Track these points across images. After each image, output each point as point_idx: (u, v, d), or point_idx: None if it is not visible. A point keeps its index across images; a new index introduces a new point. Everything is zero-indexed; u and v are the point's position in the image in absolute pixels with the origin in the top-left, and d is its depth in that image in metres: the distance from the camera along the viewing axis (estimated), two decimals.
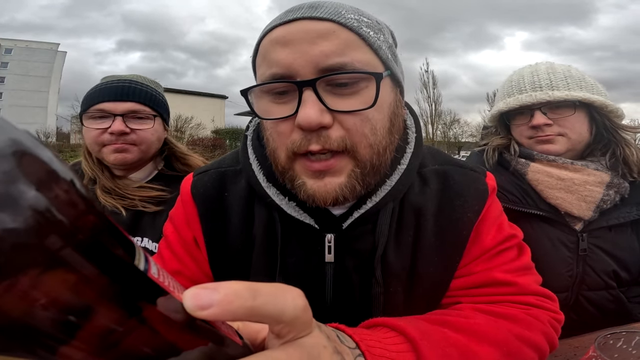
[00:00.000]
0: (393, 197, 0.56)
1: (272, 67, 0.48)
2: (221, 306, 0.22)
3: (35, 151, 0.15)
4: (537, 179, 0.91)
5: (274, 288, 0.25)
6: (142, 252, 0.21)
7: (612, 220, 0.88)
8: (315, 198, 0.50)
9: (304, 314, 0.26)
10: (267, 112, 0.50)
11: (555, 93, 0.87)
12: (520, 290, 0.57)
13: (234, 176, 0.61)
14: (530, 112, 0.91)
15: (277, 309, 0.24)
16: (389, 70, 0.51)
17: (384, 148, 0.51)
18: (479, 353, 0.46)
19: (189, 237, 0.62)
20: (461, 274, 0.59)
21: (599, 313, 0.89)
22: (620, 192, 0.88)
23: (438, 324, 0.48)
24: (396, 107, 0.54)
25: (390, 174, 0.56)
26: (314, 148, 0.47)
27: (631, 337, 0.41)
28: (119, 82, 0.99)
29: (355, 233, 0.56)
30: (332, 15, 0.48)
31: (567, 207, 0.88)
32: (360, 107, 0.47)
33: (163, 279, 0.22)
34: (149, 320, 0.20)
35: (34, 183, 0.14)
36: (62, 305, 0.16)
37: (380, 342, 0.41)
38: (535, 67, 0.96)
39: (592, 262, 0.88)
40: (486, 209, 0.59)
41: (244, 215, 0.59)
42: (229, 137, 18.16)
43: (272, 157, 0.53)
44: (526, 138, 0.94)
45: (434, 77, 33.69)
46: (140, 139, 0.99)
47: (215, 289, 0.22)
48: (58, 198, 0.15)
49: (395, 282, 0.56)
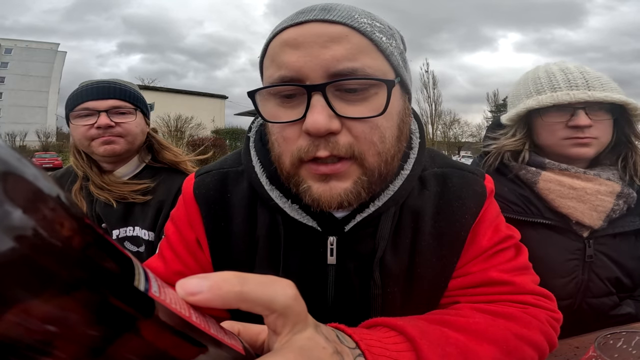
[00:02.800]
0: (395, 201, 0.56)
1: (281, 69, 0.47)
2: (211, 291, 0.23)
3: (20, 170, 0.15)
4: (549, 187, 0.88)
5: (263, 277, 0.26)
6: (142, 269, 0.21)
7: (617, 229, 0.87)
8: (320, 202, 0.49)
9: (296, 303, 0.26)
10: (274, 116, 0.49)
11: (594, 93, 0.83)
12: (518, 289, 0.57)
13: (236, 177, 0.61)
14: (571, 111, 0.85)
15: (266, 296, 0.25)
16: (399, 77, 0.50)
17: (392, 156, 0.51)
18: (478, 352, 0.46)
19: (191, 238, 0.61)
20: (459, 274, 0.59)
21: (600, 318, 0.89)
22: (628, 202, 0.87)
23: (437, 323, 0.48)
24: (405, 115, 0.53)
25: (394, 180, 0.56)
26: (321, 154, 0.46)
27: (631, 337, 0.41)
28: (100, 84, 1.08)
29: (357, 236, 0.56)
30: (345, 19, 0.46)
31: (579, 216, 0.86)
32: (369, 114, 0.47)
33: (164, 296, 0.21)
34: (146, 337, 0.20)
35: (20, 204, 0.14)
36: (52, 326, 0.15)
37: (380, 342, 0.41)
38: (562, 65, 0.92)
39: (597, 269, 0.87)
40: (483, 210, 0.59)
41: (247, 217, 0.59)
42: (229, 137, 18.15)
43: (277, 162, 0.53)
44: (560, 138, 0.88)
45: (434, 77, 33.72)
46: (125, 131, 1.07)
47: (205, 277, 0.23)
48: (45, 219, 0.15)
49: (393, 283, 0.56)
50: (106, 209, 1.07)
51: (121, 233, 1.08)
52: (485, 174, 0.63)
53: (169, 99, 22.76)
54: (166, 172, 1.15)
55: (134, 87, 1.16)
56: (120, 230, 1.08)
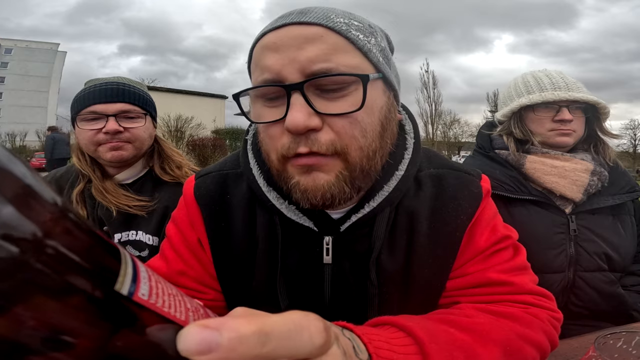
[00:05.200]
0: (390, 202, 0.56)
1: (264, 72, 0.49)
2: (223, 352, 0.19)
3: (8, 166, 0.15)
4: (535, 167, 1.06)
5: (291, 325, 0.22)
6: (131, 269, 0.19)
7: (594, 205, 1.04)
8: (307, 193, 0.50)
9: (321, 349, 0.24)
10: (259, 116, 0.51)
11: (573, 94, 1.02)
12: (517, 289, 0.58)
13: (236, 179, 0.62)
14: (557, 108, 1.05)
15: (290, 352, 0.22)
16: (381, 74, 0.52)
17: (374, 151, 0.51)
18: (483, 355, 0.46)
19: (193, 239, 0.62)
20: (456, 275, 0.59)
21: (599, 296, 1.01)
22: (601, 179, 1.04)
23: (445, 323, 0.48)
24: (388, 112, 0.54)
25: (388, 180, 0.56)
26: (302, 150, 0.48)
27: (631, 337, 0.41)
28: (107, 85, 1.03)
29: (353, 236, 0.57)
30: (320, 20, 0.48)
31: (562, 189, 1.03)
32: (348, 109, 0.47)
33: (155, 298, 0.20)
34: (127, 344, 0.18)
35: (7, 199, 0.14)
36: (39, 326, 0.15)
37: (388, 343, 0.41)
38: (545, 71, 1.12)
39: (582, 242, 1.02)
40: (479, 211, 0.60)
41: (247, 218, 0.60)
42: (229, 137, 18.14)
43: (267, 161, 0.54)
44: (547, 130, 1.07)
45: (434, 77, 33.70)
46: (133, 136, 1.04)
47: (218, 329, 0.20)
48: (32, 215, 0.15)
49: (389, 283, 0.57)
50: (108, 212, 1.04)
51: (123, 237, 1.05)
52: (481, 174, 0.64)
53: (169, 99, 22.70)
54: (168, 188, 1.10)
55: (142, 88, 1.11)
56: (123, 234, 1.05)
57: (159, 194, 1.07)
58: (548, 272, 1.00)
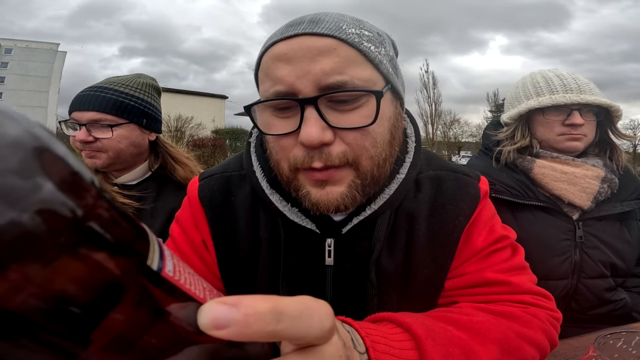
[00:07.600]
0: (391, 205, 0.57)
1: (276, 84, 0.48)
2: (239, 328, 0.20)
3: (50, 145, 0.15)
4: (543, 172, 1.01)
5: (302, 306, 0.23)
6: (157, 247, 0.20)
7: (602, 212, 0.99)
8: (319, 206, 0.51)
9: (329, 333, 0.25)
10: (270, 127, 0.51)
11: (586, 97, 0.96)
12: (516, 289, 0.58)
13: (239, 181, 0.63)
14: (568, 112, 0.98)
15: (300, 332, 0.23)
16: (390, 85, 0.52)
17: (384, 160, 0.52)
18: (481, 353, 0.46)
19: (197, 239, 0.63)
20: (454, 275, 0.60)
21: (598, 302, 0.98)
22: (611, 186, 1.00)
23: (443, 320, 0.49)
24: (396, 120, 0.54)
25: (389, 184, 0.57)
26: (316, 165, 0.48)
27: (631, 337, 0.42)
28: (88, 91, 1.00)
29: (354, 238, 0.58)
30: (333, 31, 0.47)
31: (570, 197, 0.98)
32: (361, 123, 0.48)
33: (179, 275, 0.21)
34: (164, 317, 0.19)
35: (49, 176, 0.14)
36: (70, 299, 0.15)
37: (385, 338, 0.42)
38: (556, 71, 1.05)
39: (588, 249, 0.98)
40: (477, 212, 0.60)
41: (250, 219, 0.60)
42: (229, 137, 18.12)
43: (276, 169, 0.54)
44: (557, 134, 1.01)
45: (434, 78, 33.68)
46: (104, 146, 1.00)
47: (235, 306, 0.21)
48: (72, 193, 0.15)
49: (388, 284, 0.58)
50: None
51: None
52: (480, 176, 0.64)
53: (169, 99, 22.68)
54: (175, 181, 1.11)
55: (134, 90, 1.04)
56: None
57: (164, 195, 1.07)
58: (552, 279, 0.97)
